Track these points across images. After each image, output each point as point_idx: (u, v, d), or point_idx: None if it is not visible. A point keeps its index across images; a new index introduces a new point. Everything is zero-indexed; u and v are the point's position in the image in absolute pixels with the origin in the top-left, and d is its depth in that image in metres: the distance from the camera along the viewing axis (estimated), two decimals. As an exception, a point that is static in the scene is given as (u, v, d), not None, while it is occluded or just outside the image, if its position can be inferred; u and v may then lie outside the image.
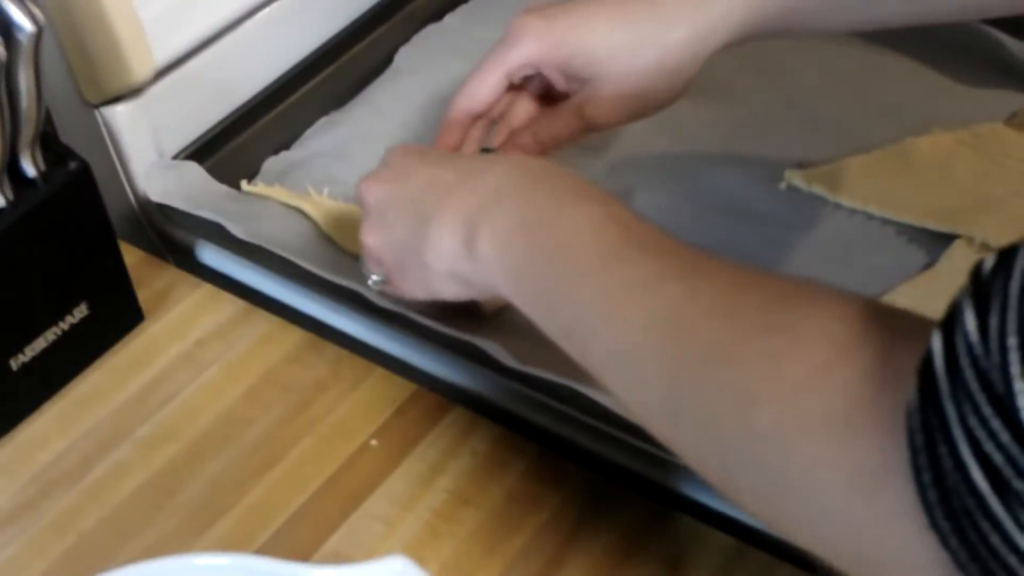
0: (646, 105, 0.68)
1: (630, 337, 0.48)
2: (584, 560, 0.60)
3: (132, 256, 0.76)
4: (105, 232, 0.69)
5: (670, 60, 0.66)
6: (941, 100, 0.80)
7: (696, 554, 0.60)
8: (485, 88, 0.68)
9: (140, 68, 0.72)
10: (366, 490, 0.64)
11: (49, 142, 0.66)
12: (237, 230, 0.70)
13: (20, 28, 0.57)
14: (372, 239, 0.62)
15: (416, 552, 0.60)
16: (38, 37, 0.57)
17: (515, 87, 0.69)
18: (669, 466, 0.61)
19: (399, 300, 0.65)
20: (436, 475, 0.64)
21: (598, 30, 0.67)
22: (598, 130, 0.69)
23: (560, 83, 0.68)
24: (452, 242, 0.56)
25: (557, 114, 0.69)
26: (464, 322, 0.66)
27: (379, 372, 0.70)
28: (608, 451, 0.63)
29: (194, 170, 0.75)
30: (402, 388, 0.69)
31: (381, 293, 0.64)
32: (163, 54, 0.73)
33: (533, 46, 0.67)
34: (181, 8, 0.73)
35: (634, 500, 0.62)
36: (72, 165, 0.66)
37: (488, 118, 0.70)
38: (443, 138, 0.69)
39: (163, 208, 0.74)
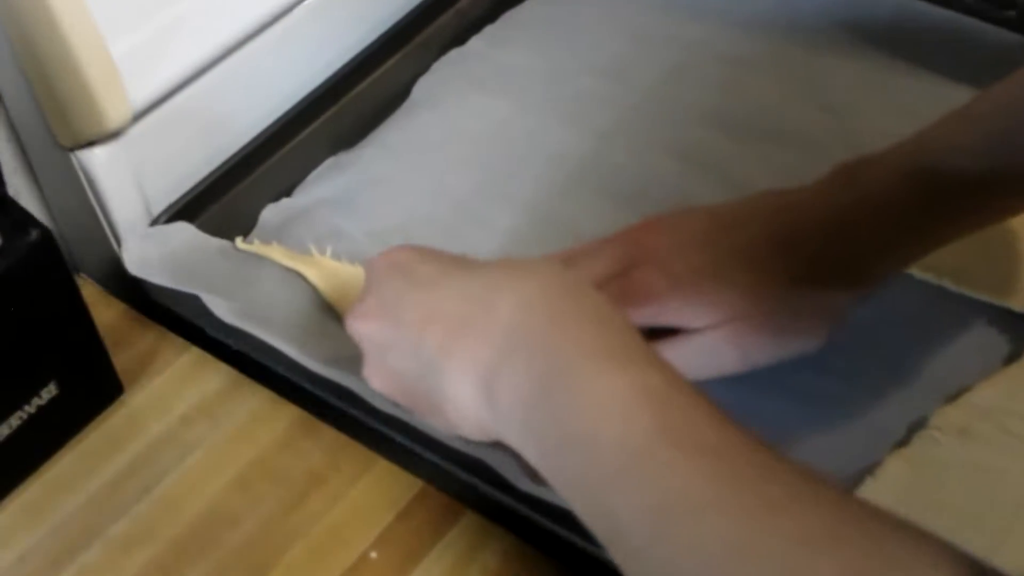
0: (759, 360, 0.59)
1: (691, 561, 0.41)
2: None
3: (114, 311, 0.70)
4: (73, 304, 0.61)
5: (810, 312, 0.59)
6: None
7: None
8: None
9: (115, 112, 0.63)
10: (369, 612, 0.57)
11: (8, 208, 0.58)
12: (221, 310, 0.62)
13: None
14: (378, 382, 0.55)
15: None
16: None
17: None
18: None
19: None
20: (448, 592, 0.57)
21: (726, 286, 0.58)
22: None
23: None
24: (473, 397, 0.49)
25: (676, 345, 0.59)
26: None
27: (382, 464, 0.62)
28: None
29: (180, 232, 0.67)
30: (407, 485, 0.61)
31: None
32: (141, 95, 0.64)
33: (649, 311, 0.58)
34: (159, 40, 0.65)
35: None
36: (33, 234, 0.58)
37: None
38: None
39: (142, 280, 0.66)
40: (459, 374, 0.49)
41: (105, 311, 0.69)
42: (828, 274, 0.58)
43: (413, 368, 0.51)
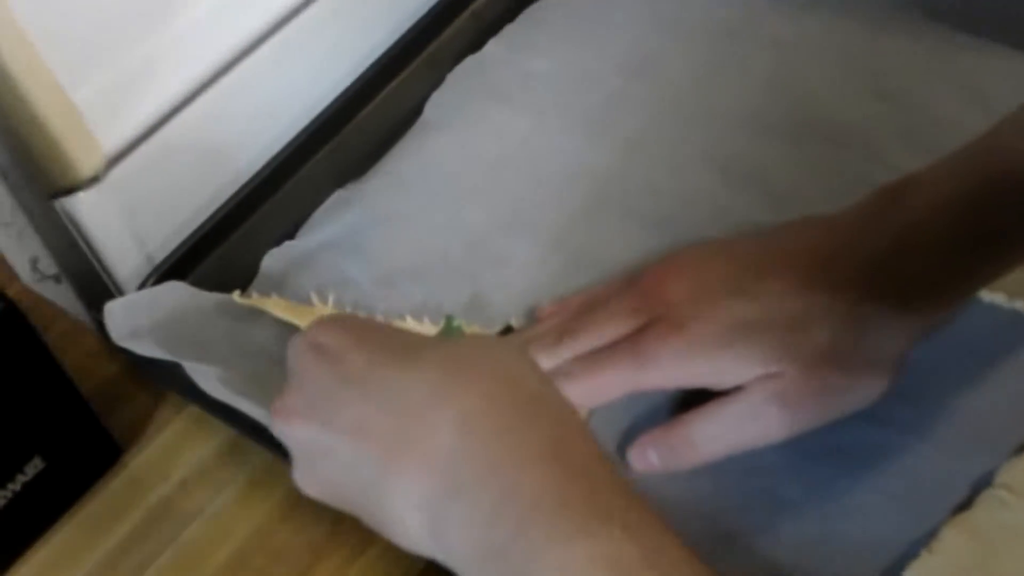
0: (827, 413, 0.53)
1: None
2: None
3: (117, 364, 0.66)
4: (50, 375, 0.57)
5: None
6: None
7: None
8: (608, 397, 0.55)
9: (86, 159, 0.59)
10: None
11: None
12: (209, 383, 0.57)
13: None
14: (313, 490, 0.48)
15: None
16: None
17: None
18: None
19: None
20: None
21: (746, 355, 0.51)
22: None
23: None
24: (419, 529, 0.43)
25: (718, 415, 0.53)
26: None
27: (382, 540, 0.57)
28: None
29: (170, 293, 0.61)
30: (411, 561, 0.55)
31: None
32: (113, 138, 0.60)
33: (672, 378, 0.53)
34: (127, 81, 0.59)
35: None
36: (-1, 306, 0.54)
37: None
38: None
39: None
40: (402, 500, 0.43)
41: (108, 364, 0.66)
42: (877, 313, 0.51)
43: (351, 482, 0.45)
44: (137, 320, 0.60)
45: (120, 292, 0.64)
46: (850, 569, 0.49)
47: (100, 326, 0.65)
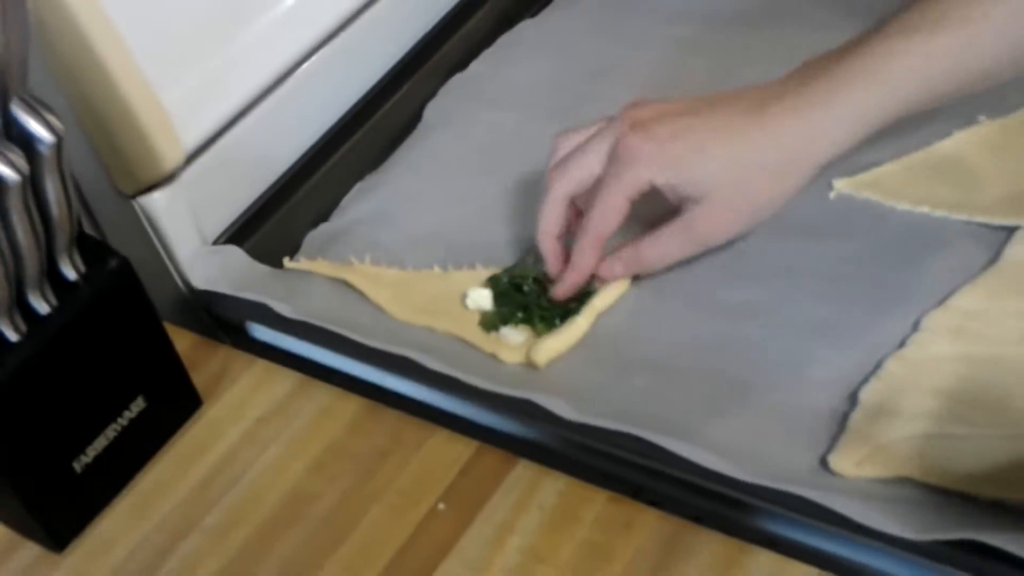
0: (758, 217, 0.69)
1: None
2: (665, 607, 0.59)
3: (185, 340, 0.76)
4: (152, 324, 0.69)
5: (777, 174, 0.68)
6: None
7: (780, 590, 0.59)
8: (614, 213, 0.69)
9: (170, 155, 0.72)
10: (439, 556, 0.63)
11: (87, 242, 0.66)
12: (283, 309, 0.70)
13: (41, 140, 0.57)
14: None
15: (494, 617, 0.60)
16: (59, 146, 0.57)
17: None
18: (742, 504, 0.59)
19: None
20: (507, 534, 0.63)
21: (706, 158, 0.68)
22: (706, 250, 0.71)
23: (672, 198, 0.69)
24: None
25: (667, 234, 0.70)
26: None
27: (440, 433, 0.69)
28: (677, 493, 0.61)
29: (236, 253, 0.75)
30: (464, 447, 0.68)
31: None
32: (191, 138, 0.73)
33: (645, 172, 0.68)
34: (203, 89, 0.73)
35: (710, 540, 0.61)
36: (112, 263, 0.66)
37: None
38: (581, 261, 0.71)
39: (209, 292, 0.74)
40: None
41: (176, 342, 0.76)
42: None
43: None
44: (212, 270, 0.73)
45: (181, 275, 0.77)
46: (822, 394, 0.64)
47: (166, 313, 0.77)
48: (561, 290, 0.71)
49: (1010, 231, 0.69)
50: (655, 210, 0.69)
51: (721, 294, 0.70)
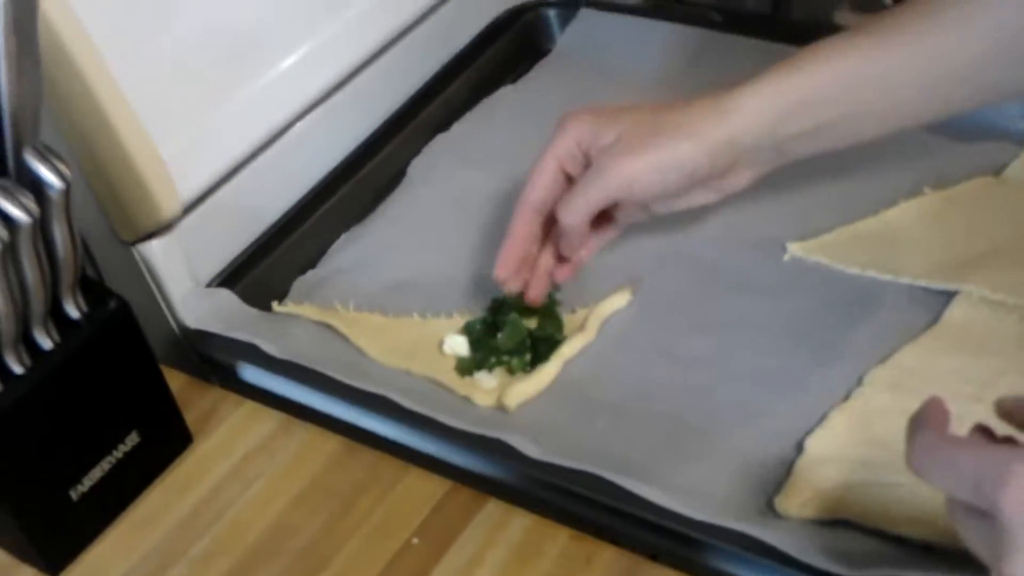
0: (663, 167, 0.73)
1: None
2: (619, 638, 0.64)
3: (177, 380, 0.81)
4: (148, 364, 0.74)
5: (691, 171, 0.72)
6: (930, 159, 0.83)
7: (727, 623, 0.63)
8: (543, 177, 0.76)
9: (168, 205, 0.76)
10: (411, 587, 0.68)
11: (89, 284, 0.71)
12: (271, 348, 0.75)
13: (50, 186, 0.62)
14: None
15: (459, 646, 0.64)
16: (67, 192, 0.62)
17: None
18: (695, 542, 0.64)
19: None
20: (475, 567, 0.68)
21: (621, 118, 0.74)
22: (614, 197, 0.74)
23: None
24: None
25: (582, 182, 0.74)
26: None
27: (415, 471, 0.73)
28: (634, 530, 0.66)
29: (226, 296, 0.79)
30: (438, 485, 0.72)
31: None
32: (188, 190, 0.78)
33: (576, 129, 0.75)
34: (200, 145, 0.79)
35: (660, 573, 0.65)
36: (112, 304, 0.71)
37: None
38: (514, 228, 0.76)
39: (201, 333, 0.79)
40: None
41: (169, 381, 0.80)
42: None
43: None
44: (203, 310, 0.78)
45: (175, 317, 0.81)
46: (770, 442, 0.68)
47: (160, 354, 0.82)
48: (499, 262, 0.76)
49: (949, 295, 0.74)
50: None
51: (678, 345, 0.75)
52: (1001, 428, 0.54)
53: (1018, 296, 0.72)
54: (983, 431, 0.54)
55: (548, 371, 0.74)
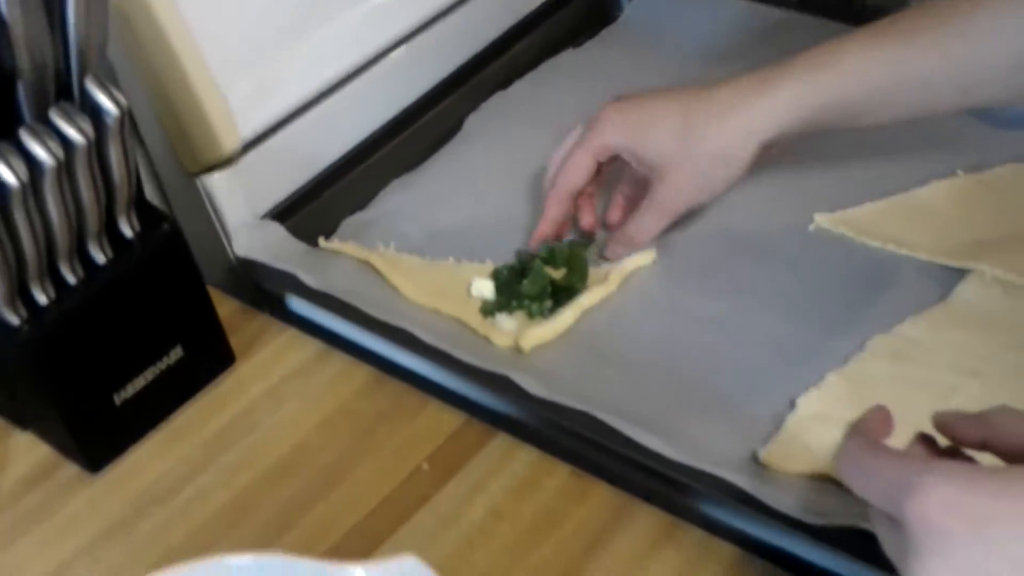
0: (706, 190, 0.79)
1: None
2: (599, 568, 0.67)
3: (229, 306, 0.86)
4: (196, 284, 0.79)
5: (720, 150, 0.77)
6: (966, 144, 0.84)
7: (703, 562, 0.66)
8: (579, 170, 0.81)
9: (228, 140, 0.82)
10: (416, 507, 0.72)
11: (145, 208, 0.76)
12: (310, 280, 0.79)
13: (107, 112, 0.67)
14: None
15: (452, 563, 0.68)
16: (122, 119, 0.67)
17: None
18: (680, 485, 0.67)
19: None
20: (477, 494, 0.72)
21: (659, 127, 0.78)
22: (676, 217, 0.81)
23: (637, 168, 0.80)
24: None
25: (642, 212, 0.81)
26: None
27: (435, 404, 0.77)
28: (626, 471, 0.69)
29: (276, 229, 0.84)
30: (454, 417, 0.76)
31: None
32: (249, 128, 0.83)
33: (609, 136, 0.80)
34: (263, 88, 0.84)
35: (650, 514, 0.68)
36: (165, 227, 0.76)
37: (585, 194, 0.84)
38: (549, 211, 0.83)
39: (252, 262, 0.84)
40: None
41: (220, 307, 0.85)
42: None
43: None
44: (254, 241, 0.83)
45: (232, 248, 0.86)
46: (767, 400, 0.71)
47: (216, 281, 0.87)
48: (533, 239, 0.83)
49: (964, 273, 0.75)
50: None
51: (695, 305, 0.78)
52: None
53: (1028, 278, 0.73)
54: (926, 441, 0.56)
55: (565, 318, 0.77)
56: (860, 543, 0.60)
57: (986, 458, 0.54)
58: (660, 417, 0.70)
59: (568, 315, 0.78)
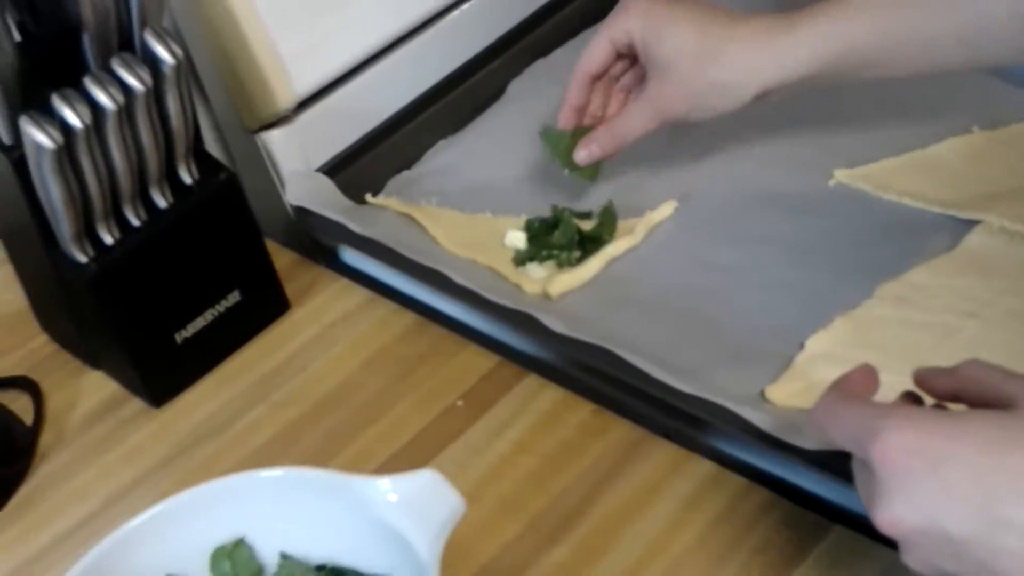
0: (697, 109, 0.81)
1: None
2: (614, 497, 0.72)
3: (287, 257, 0.92)
4: (252, 232, 0.85)
5: (726, 75, 0.79)
6: (983, 103, 0.87)
7: (711, 492, 0.71)
8: (597, 51, 0.85)
9: (283, 98, 0.88)
10: (448, 440, 0.77)
11: (205, 158, 0.82)
12: (355, 227, 0.85)
13: (164, 62, 0.73)
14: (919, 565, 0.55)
15: (479, 490, 0.73)
16: (178, 68, 0.73)
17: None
18: (690, 418, 0.71)
19: None
20: (505, 429, 0.77)
21: (676, 31, 0.80)
22: (669, 126, 0.82)
23: (644, 62, 0.82)
24: None
25: (633, 110, 0.83)
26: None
27: (471, 347, 0.83)
28: (642, 406, 0.74)
29: (326, 183, 0.90)
30: (488, 359, 0.82)
31: None
32: (303, 86, 0.89)
33: (631, 22, 0.82)
34: (318, 47, 0.89)
35: (665, 447, 0.73)
36: (222, 175, 0.82)
37: (605, 79, 0.87)
38: (570, 98, 0.86)
39: (307, 214, 0.89)
40: None
41: (278, 258, 0.91)
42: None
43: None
44: (306, 190, 0.89)
45: (291, 206, 0.92)
46: (779, 342, 0.75)
47: (274, 234, 0.93)
48: (562, 116, 0.86)
49: (973, 225, 0.79)
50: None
51: (712, 253, 0.82)
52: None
53: (1034, 227, 0.77)
54: (910, 397, 0.60)
55: (591, 266, 0.82)
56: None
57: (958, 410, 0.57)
58: (675, 357, 0.74)
59: (594, 264, 0.82)
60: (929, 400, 0.59)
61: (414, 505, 0.61)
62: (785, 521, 0.68)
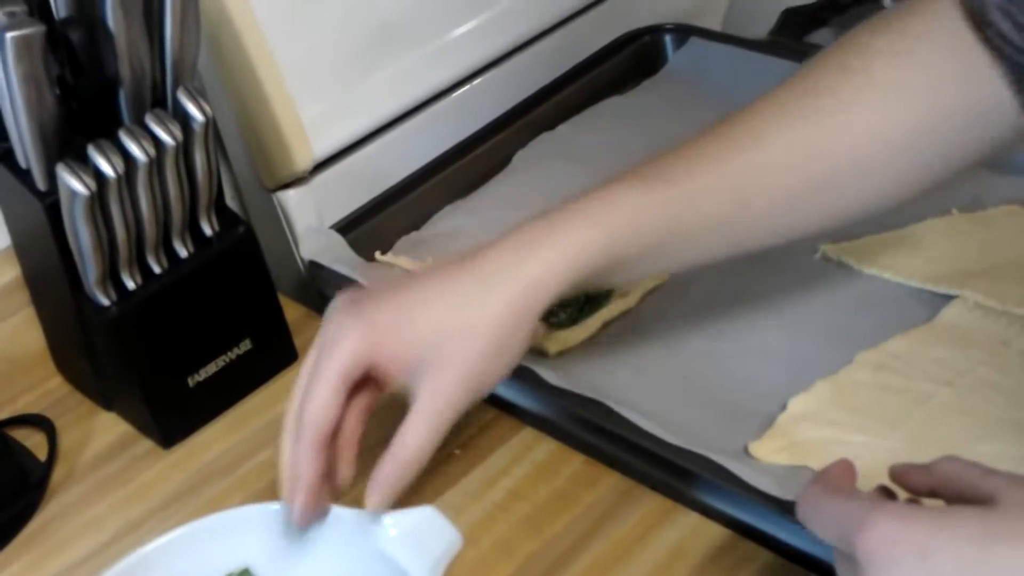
0: (494, 374, 0.72)
1: None
2: (604, 543, 0.75)
3: (297, 311, 0.96)
4: (265, 284, 0.89)
5: (502, 322, 0.70)
6: (966, 186, 0.91)
7: (696, 541, 0.74)
8: (327, 402, 0.70)
9: (302, 159, 0.92)
10: (446, 486, 0.81)
11: (225, 212, 0.87)
12: (365, 282, 0.89)
13: (194, 119, 0.78)
14: None
15: (475, 532, 0.76)
16: (207, 126, 0.78)
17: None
18: (678, 469, 0.75)
19: None
20: (501, 477, 0.81)
21: (421, 320, 0.70)
22: (450, 423, 0.71)
23: (395, 378, 0.71)
24: None
25: (412, 423, 0.71)
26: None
27: (470, 400, 0.86)
28: (632, 458, 0.77)
29: (340, 241, 0.94)
30: (486, 412, 0.85)
31: None
32: (321, 148, 0.94)
33: (351, 344, 0.69)
34: (337, 113, 0.95)
35: (652, 499, 0.77)
36: (240, 229, 0.86)
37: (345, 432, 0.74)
38: (304, 472, 0.70)
39: (318, 268, 0.94)
40: None
41: (289, 311, 0.95)
42: None
43: None
44: (320, 246, 0.93)
45: (302, 258, 0.96)
46: (762, 402, 0.79)
47: (286, 288, 0.97)
48: (297, 514, 0.69)
49: (949, 299, 0.83)
50: None
51: (706, 319, 0.86)
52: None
53: (1007, 304, 0.81)
54: (885, 492, 0.62)
55: (588, 326, 0.86)
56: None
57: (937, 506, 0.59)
58: (665, 413, 0.78)
59: (592, 324, 0.87)
60: (903, 495, 0.61)
61: (413, 538, 0.65)
62: (767, 571, 0.72)
